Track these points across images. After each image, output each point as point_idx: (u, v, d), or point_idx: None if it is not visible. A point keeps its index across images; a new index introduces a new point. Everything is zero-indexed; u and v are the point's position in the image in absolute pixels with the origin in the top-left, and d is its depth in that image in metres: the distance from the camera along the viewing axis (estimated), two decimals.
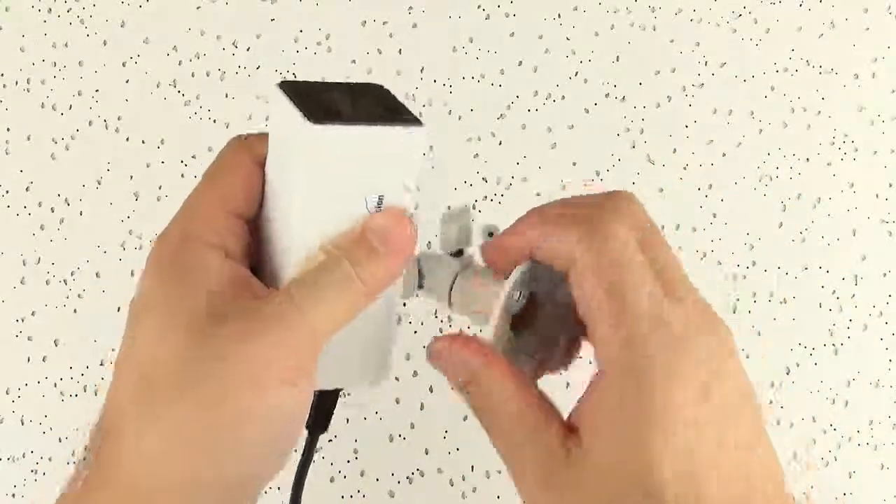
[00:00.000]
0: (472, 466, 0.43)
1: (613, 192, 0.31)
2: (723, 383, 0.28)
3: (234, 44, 0.47)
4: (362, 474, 0.43)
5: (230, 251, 0.27)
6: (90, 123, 0.47)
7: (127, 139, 0.47)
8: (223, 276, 0.27)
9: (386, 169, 0.28)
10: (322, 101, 0.27)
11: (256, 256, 0.29)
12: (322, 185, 0.27)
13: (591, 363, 0.29)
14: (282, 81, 0.28)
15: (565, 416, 0.28)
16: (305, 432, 0.32)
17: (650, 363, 0.27)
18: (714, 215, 0.45)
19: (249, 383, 0.25)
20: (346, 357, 0.29)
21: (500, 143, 0.45)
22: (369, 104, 0.28)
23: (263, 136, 0.29)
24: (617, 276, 0.28)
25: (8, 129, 0.47)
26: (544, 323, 0.31)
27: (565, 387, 0.29)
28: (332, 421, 0.32)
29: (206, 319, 0.25)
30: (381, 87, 0.29)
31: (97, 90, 0.47)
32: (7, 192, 0.47)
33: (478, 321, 0.31)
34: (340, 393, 0.31)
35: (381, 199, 0.28)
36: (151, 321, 0.26)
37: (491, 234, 0.33)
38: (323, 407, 0.31)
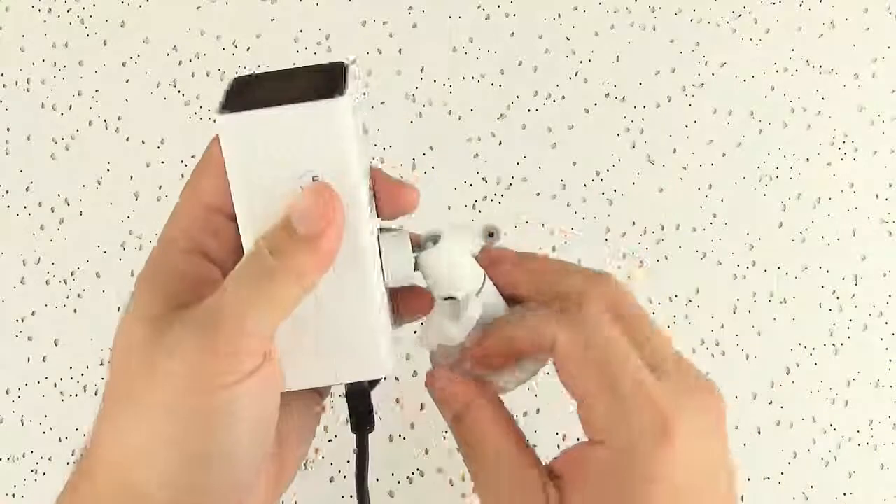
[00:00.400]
0: None
1: (593, 276, 0.31)
2: (705, 458, 0.28)
3: (234, 44, 0.47)
4: None
5: (209, 249, 0.27)
6: (90, 123, 0.47)
7: (127, 139, 0.47)
8: (185, 279, 0.27)
9: (310, 148, 0.26)
10: (253, 90, 0.27)
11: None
12: (249, 173, 0.26)
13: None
14: (237, 76, 0.27)
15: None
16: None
17: (638, 440, 0.27)
18: (714, 215, 0.45)
19: (195, 385, 0.25)
20: (330, 351, 0.28)
21: (500, 143, 0.45)
22: (301, 85, 0.27)
23: None
24: (600, 355, 0.28)
25: (8, 129, 0.47)
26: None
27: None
28: (370, 417, 0.31)
29: (160, 322, 0.25)
30: (341, 63, 0.27)
31: (97, 90, 0.47)
32: (7, 191, 0.47)
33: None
34: (367, 385, 0.31)
35: (315, 179, 0.27)
36: (122, 325, 0.27)
37: (491, 235, 0.33)
38: (355, 407, 0.31)
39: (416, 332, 0.45)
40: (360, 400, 0.31)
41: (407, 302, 0.32)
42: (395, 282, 0.30)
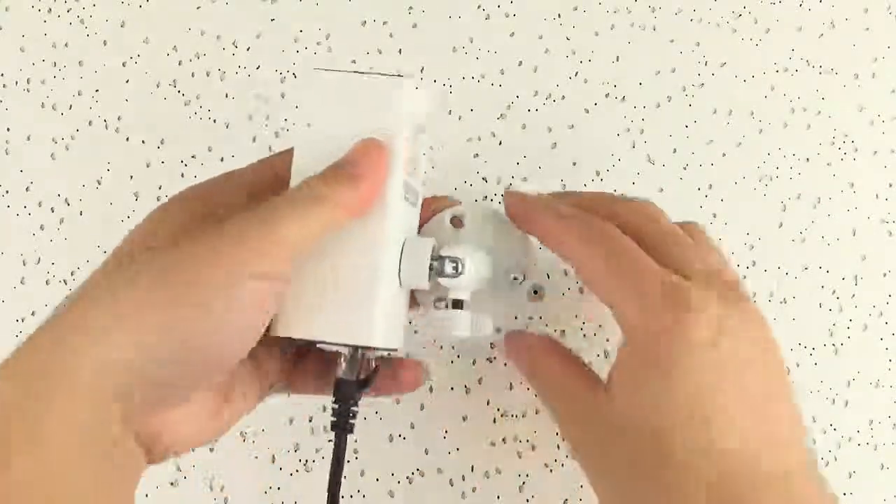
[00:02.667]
0: (472, 466, 0.43)
1: (624, 201, 0.37)
2: (736, 335, 0.32)
3: (234, 44, 0.47)
4: (362, 474, 0.43)
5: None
6: (90, 123, 0.47)
7: (127, 139, 0.47)
8: (230, 192, 0.32)
9: (370, 115, 0.31)
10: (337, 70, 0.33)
11: None
12: (316, 124, 0.32)
13: None
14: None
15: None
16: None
17: (663, 324, 0.31)
18: (714, 215, 0.45)
19: (222, 271, 0.27)
20: (329, 309, 0.31)
21: (500, 143, 0.45)
22: (381, 72, 0.33)
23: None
24: (618, 261, 0.32)
25: (8, 129, 0.47)
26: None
27: None
28: (349, 418, 0.34)
29: (198, 221, 0.31)
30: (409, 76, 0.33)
31: (97, 90, 0.47)
32: (7, 192, 0.47)
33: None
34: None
35: None
36: (158, 215, 0.32)
37: (536, 292, 0.40)
38: (337, 404, 0.33)
39: (416, 332, 0.45)
40: (343, 398, 0.33)
41: (394, 373, 0.36)
42: (405, 284, 0.33)
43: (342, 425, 0.33)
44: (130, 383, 0.26)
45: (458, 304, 0.35)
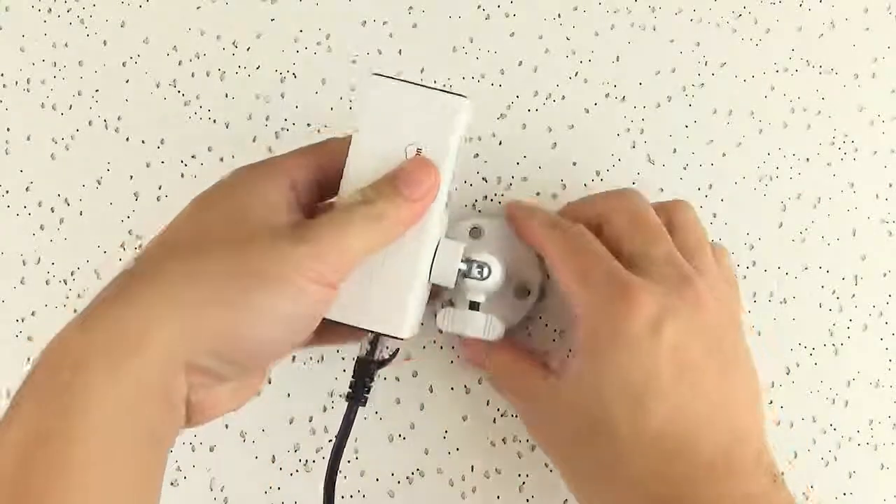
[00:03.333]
0: (472, 466, 0.43)
1: (612, 196, 0.41)
2: (681, 321, 0.34)
3: (234, 44, 0.47)
4: (362, 474, 0.43)
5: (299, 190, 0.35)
6: (90, 123, 0.47)
7: (127, 139, 0.47)
8: (273, 184, 0.33)
9: (427, 127, 0.34)
10: (398, 77, 0.35)
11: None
12: (373, 127, 0.34)
13: None
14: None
15: None
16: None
17: (605, 311, 0.34)
18: (714, 215, 0.45)
19: (279, 272, 0.30)
20: (372, 300, 0.34)
21: (500, 143, 0.45)
22: (434, 87, 0.35)
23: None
24: (578, 258, 0.36)
25: (8, 129, 0.47)
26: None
27: None
28: (365, 392, 0.36)
29: (261, 222, 0.32)
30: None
31: (97, 90, 0.47)
32: (7, 192, 0.47)
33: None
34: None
35: (419, 151, 0.34)
36: (205, 203, 0.33)
37: (528, 292, 0.42)
38: (356, 378, 0.36)
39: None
40: (363, 372, 0.36)
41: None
42: (434, 280, 0.35)
43: (357, 397, 0.36)
44: (196, 363, 0.29)
45: (474, 306, 0.38)
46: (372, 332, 0.34)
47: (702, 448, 0.32)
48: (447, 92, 0.34)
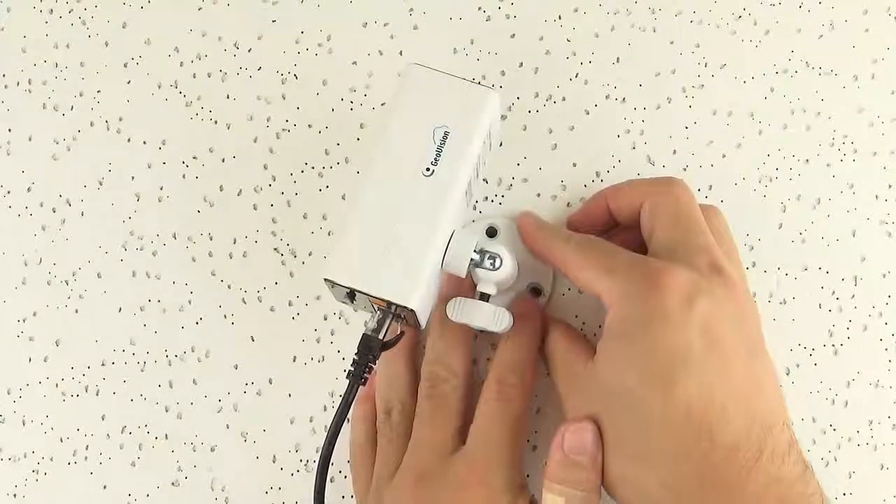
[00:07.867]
0: None
1: (655, 184, 0.41)
2: (711, 301, 0.34)
3: (235, 45, 0.47)
4: None
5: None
6: (91, 124, 0.47)
7: (128, 140, 0.47)
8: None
9: (457, 113, 0.37)
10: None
11: None
12: (409, 106, 0.37)
13: None
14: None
15: None
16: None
17: (633, 294, 0.34)
18: None
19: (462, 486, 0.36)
20: (380, 266, 0.35)
21: (501, 144, 0.45)
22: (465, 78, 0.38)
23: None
24: (591, 251, 0.37)
25: (9, 130, 0.47)
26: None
27: None
28: (366, 370, 0.37)
29: (425, 473, 0.38)
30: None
31: (99, 91, 0.48)
32: (8, 192, 0.47)
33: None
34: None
35: (446, 134, 0.36)
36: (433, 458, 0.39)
37: (538, 292, 0.43)
38: (359, 356, 0.37)
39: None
40: (365, 351, 0.37)
41: None
42: (446, 267, 0.36)
43: (359, 375, 0.36)
44: None
45: (484, 297, 0.39)
46: (382, 299, 0.35)
47: (730, 428, 0.32)
48: (478, 84, 0.37)
